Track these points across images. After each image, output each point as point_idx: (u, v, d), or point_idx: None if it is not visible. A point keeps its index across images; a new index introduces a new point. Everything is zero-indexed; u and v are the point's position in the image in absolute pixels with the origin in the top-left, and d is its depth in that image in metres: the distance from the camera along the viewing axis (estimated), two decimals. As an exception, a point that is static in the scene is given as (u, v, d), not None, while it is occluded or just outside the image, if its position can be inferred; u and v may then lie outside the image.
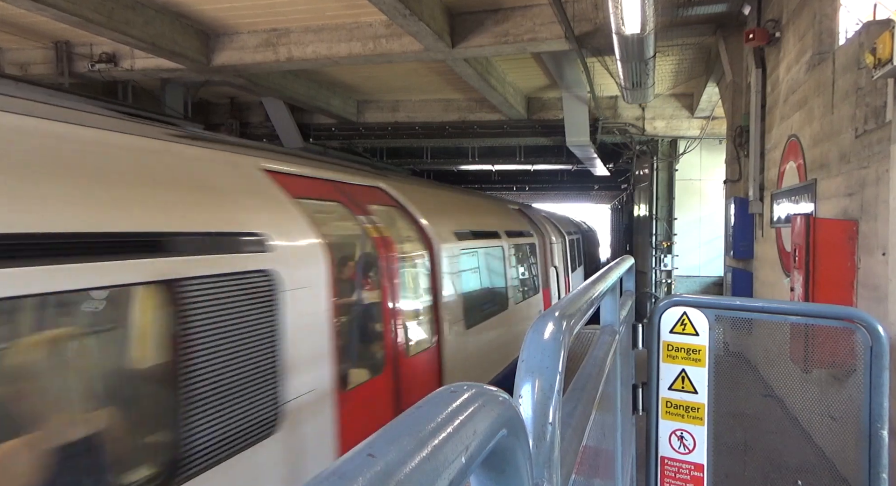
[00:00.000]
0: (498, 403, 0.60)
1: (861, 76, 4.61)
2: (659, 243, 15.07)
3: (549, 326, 1.00)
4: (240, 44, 10.04)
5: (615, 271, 2.12)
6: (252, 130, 16.06)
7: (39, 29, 9.96)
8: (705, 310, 2.53)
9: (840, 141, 5.08)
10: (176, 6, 9.05)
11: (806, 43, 6.17)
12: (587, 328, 1.74)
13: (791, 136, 6.67)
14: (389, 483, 0.42)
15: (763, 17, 7.72)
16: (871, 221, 4.44)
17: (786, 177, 6.94)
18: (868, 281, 4.52)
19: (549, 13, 8.38)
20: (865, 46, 4.41)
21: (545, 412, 0.87)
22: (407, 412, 0.53)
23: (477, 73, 10.66)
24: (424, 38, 8.55)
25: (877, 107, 4.41)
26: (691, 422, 2.54)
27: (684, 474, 2.56)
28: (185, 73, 10.85)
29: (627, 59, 8.20)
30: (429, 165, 19.86)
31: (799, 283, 5.11)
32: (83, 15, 7.78)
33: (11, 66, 11.06)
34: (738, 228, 8.74)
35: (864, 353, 2.32)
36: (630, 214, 20.55)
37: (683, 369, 2.55)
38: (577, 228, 15.75)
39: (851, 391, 2.56)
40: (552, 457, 0.86)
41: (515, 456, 0.62)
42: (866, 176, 4.51)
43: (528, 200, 23.80)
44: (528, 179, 24.55)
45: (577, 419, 1.32)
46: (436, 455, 0.47)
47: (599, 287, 1.65)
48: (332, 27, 9.58)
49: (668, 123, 14.51)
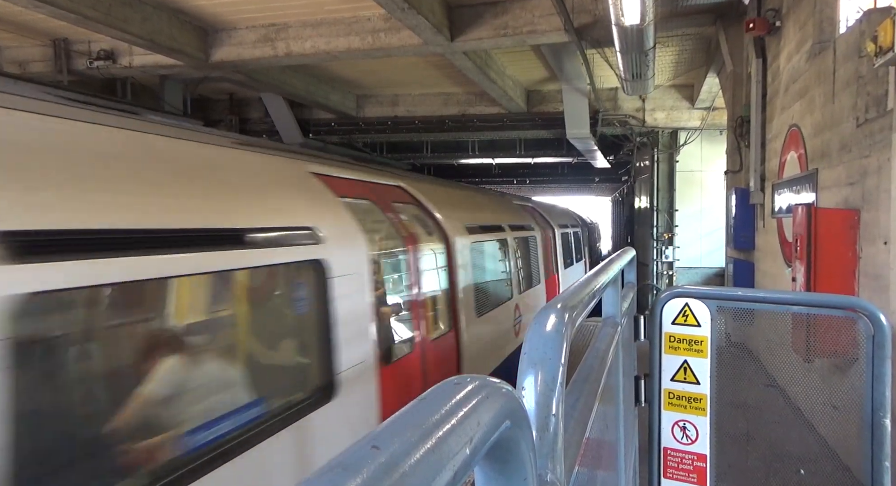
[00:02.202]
0: (501, 395, 0.60)
1: (862, 65, 4.59)
2: (660, 234, 15.05)
3: (552, 318, 1.00)
4: (238, 39, 10.00)
5: (617, 263, 2.11)
6: (251, 125, 16.03)
7: (37, 26, 9.92)
8: (707, 301, 2.53)
9: (841, 130, 5.06)
10: (173, 2, 9.02)
11: (806, 32, 6.14)
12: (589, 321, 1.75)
13: (792, 125, 6.65)
14: (394, 475, 0.42)
15: (763, 6, 7.67)
16: (872, 210, 4.43)
17: (787, 167, 6.93)
18: (870, 270, 4.52)
19: (548, 5, 8.34)
20: (866, 35, 4.39)
21: (548, 404, 0.87)
22: (411, 404, 0.54)
23: (476, 67, 10.62)
24: (423, 31, 8.51)
25: (878, 95, 4.39)
26: (693, 413, 2.55)
27: (687, 464, 2.57)
28: (183, 69, 10.82)
29: (627, 50, 8.16)
30: (429, 159, 19.81)
31: (800, 273, 5.11)
32: (81, 12, 7.75)
33: (10, 64, 11.04)
34: (740, 218, 8.73)
35: (866, 342, 2.32)
36: (631, 206, 20.53)
37: (685, 360, 2.55)
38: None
39: (853, 381, 2.57)
40: (555, 449, 0.87)
41: (519, 448, 0.63)
42: (868, 165, 4.50)
43: (528, 193, 23.78)
44: (528, 173, 24.47)
45: (580, 410, 1.32)
46: (440, 447, 0.47)
47: (601, 279, 1.65)
48: (330, 22, 9.55)
49: (668, 114, 14.46)
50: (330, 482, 0.40)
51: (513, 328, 7.64)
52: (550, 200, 19.65)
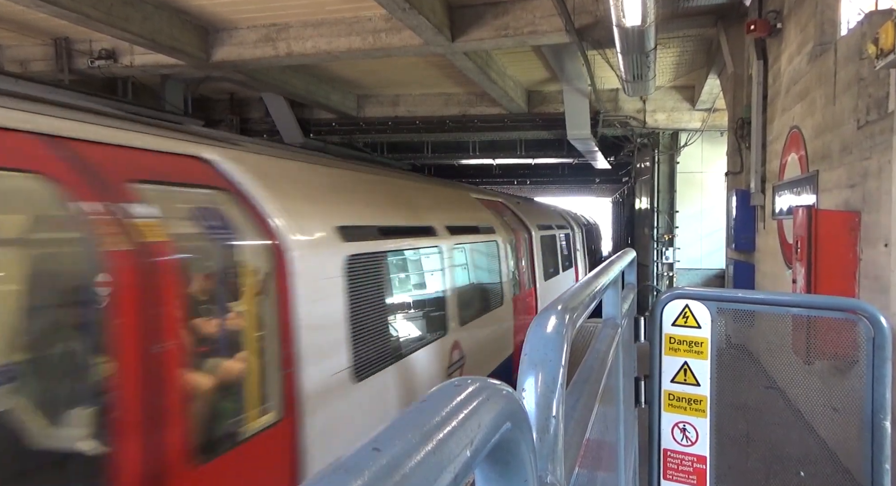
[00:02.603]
0: (502, 396, 0.60)
1: (863, 67, 4.59)
2: (660, 235, 15.05)
3: (552, 319, 1.00)
4: (239, 39, 10.00)
5: (617, 265, 2.12)
6: (252, 125, 16.03)
7: (39, 25, 9.93)
8: (707, 302, 2.53)
9: (842, 132, 5.06)
10: (174, 1, 9.02)
11: (808, 34, 6.14)
12: (589, 322, 1.75)
13: (793, 127, 6.65)
14: (395, 477, 0.42)
15: (764, 7, 7.68)
16: (873, 212, 4.43)
17: (787, 169, 6.92)
18: (870, 272, 4.52)
19: (549, 6, 8.34)
20: (868, 36, 4.39)
21: (549, 405, 0.87)
22: (412, 406, 0.54)
23: (477, 67, 10.62)
24: (424, 32, 8.52)
25: (879, 97, 4.39)
26: (694, 414, 2.55)
27: (687, 466, 2.57)
28: (184, 69, 10.82)
29: (628, 51, 8.17)
30: (429, 159, 19.82)
31: (801, 275, 5.11)
32: (82, 11, 7.76)
33: (11, 63, 11.04)
34: (740, 220, 8.73)
35: (866, 344, 2.32)
36: (631, 207, 20.52)
37: (685, 361, 2.55)
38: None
39: (854, 383, 2.57)
40: (556, 450, 0.87)
41: (519, 449, 0.62)
42: (868, 167, 4.50)
43: (529, 194, 23.74)
44: (528, 173, 24.49)
45: (580, 412, 1.32)
46: (441, 449, 0.47)
47: (601, 281, 1.65)
48: (331, 22, 9.55)
49: (669, 115, 14.46)
50: (331, 484, 0.40)
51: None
52: (550, 201, 19.63)
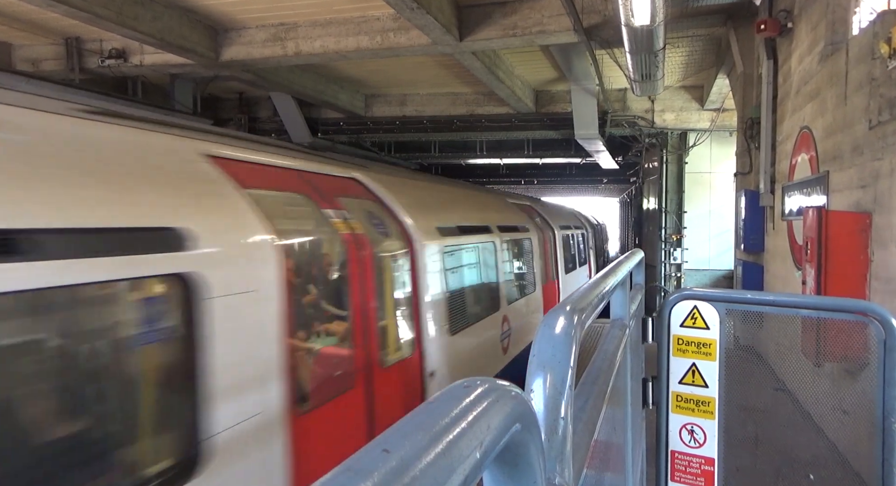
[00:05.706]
0: (511, 397, 0.59)
1: (875, 67, 4.54)
2: (668, 236, 14.97)
3: (561, 320, 1.00)
4: (248, 38, 10.04)
5: (625, 265, 2.11)
6: (260, 124, 16.09)
7: (50, 25, 10.01)
8: (716, 303, 2.51)
9: (853, 132, 5.02)
10: (184, 1, 9.07)
11: (819, 33, 6.08)
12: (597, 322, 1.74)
13: (803, 127, 6.60)
14: (404, 479, 0.42)
15: (774, 7, 7.62)
16: (884, 213, 4.39)
17: (797, 169, 6.87)
18: (881, 274, 4.47)
19: (557, 5, 8.31)
20: (880, 36, 4.35)
21: (557, 407, 0.87)
22: (421, 407, 0.54)
23: (485, 67, 10.61)
24: (432, 31, 8.51)
25: (891, 98, 4.34)
26: (702, 416, 2.53)
27: (695, 468, 2.56)
28: (193, 68, 10.88)
29: (637, 51, 8.13)
30: (437, 159, 19.82)
31: (811, 276, 5.07)
32: (93, 11, 7.81)
33: (23, 62, 11.14)
34: (749, 220, 8.67)
35: (877, 347, 2.30)
36: (639, 208, 20.43)
37: (694, 362, 2.54)
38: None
39: (864, 385, 2.54)
40: (564, 451, 0.86)
41: (528, 451, 0.62)
42: (880, 168, 4.46)
43: (536, 193, 23.73)
44: (536, 173, 24.44)
45: (589, 413, 1.31)
46: (450, 450, 0.47)
47: (610, 281, 1.65)
48: (339, 21, 9.57)
49: (677, 115, 14.38)
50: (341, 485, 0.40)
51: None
52: (558, 201, 19.60)
